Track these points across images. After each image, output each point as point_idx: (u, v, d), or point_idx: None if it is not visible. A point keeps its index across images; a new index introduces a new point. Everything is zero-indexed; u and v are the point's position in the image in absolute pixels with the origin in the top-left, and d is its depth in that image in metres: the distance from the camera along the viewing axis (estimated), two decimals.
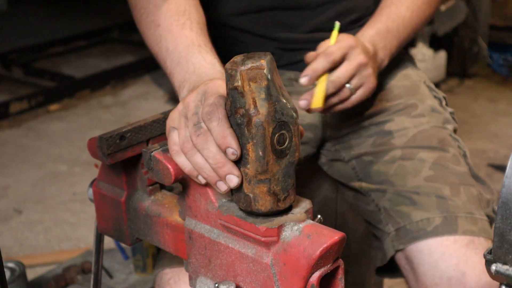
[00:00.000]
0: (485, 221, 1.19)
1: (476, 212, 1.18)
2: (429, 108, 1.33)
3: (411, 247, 1.18)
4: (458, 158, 1.26)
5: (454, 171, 1.23)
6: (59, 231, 2.61)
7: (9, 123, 3.74)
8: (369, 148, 1.30)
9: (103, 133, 0.91)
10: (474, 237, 1.15)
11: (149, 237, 0.98)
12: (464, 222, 1.16)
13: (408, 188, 1.22)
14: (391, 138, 1.29)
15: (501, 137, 3.32)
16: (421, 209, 1.19)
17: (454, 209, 1.17)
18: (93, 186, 1.03)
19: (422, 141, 1.27)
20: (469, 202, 1.19)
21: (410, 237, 1.18)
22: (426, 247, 1.16)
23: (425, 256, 1.16)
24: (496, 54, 4.14)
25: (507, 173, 0.66)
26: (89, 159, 1.32)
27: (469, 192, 1.21)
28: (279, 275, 0.78)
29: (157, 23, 1.11)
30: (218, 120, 0.79)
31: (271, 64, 0.77)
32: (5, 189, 2.97)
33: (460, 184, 1.21)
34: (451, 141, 1.28)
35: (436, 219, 1.17)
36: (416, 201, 1.20)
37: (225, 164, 0.79)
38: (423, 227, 1.17)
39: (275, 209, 0.80)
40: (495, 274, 0.68)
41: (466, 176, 1.24)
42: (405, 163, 1.25)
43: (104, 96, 4.11)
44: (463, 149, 1.29)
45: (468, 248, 1.14)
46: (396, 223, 1.21)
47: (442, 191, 1.20)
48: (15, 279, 1.93)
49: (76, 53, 4.95)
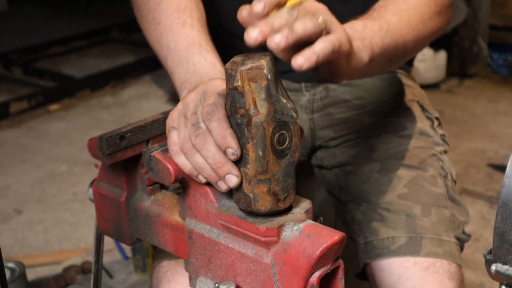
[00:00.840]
0: (452, 244, 1.18)
1: (444, 234, 1.18)
2: (418, 130, 1.32)
3: (375, 264, 1.18)
4: (437, 179, 1.25)
5: (428, 191, 1.22)
6: (59, 231, 2.61)
7: (9, 123, 3.74)
8: (351, 158, 1.29)
9: (103, 133, 0.91)
10: (436, 259, 1.14)
11: (149, 237, 0.98)
12: (428, 243, 1.15)
13: (380, 204, 1.22)
14: (373, 152, 1.28)
15: (501, 137, 3.32)
16: (389, 227, 1.19)
17: (420, 229, 1.17)
18: (93, 186, 1.03)
19: (402, 159, 1.26)
20: (438, 223, 1.19)
21: (375, 253, 1.18)
22: (387, 266, 1.16)
23: (385, 276, 1.16)
24: (496, 54, 4.14)
25: (507, 173, 0.66)
26: (89, 159, 1.32)
27: (440, 213, 1.20)
28: (279, 275, 0.78)
29: (158, 20, 1.11)
30: (218, 120, 0.79)
31: (271, 64, 0.77)
32: (5, 189, 2.97)
33: (433, 205, 1.20)
34: (434, 162, 1.27)
35: (401, 239, 1.17)
36: (386, 218, 1.20)
37: (224, 164, 0.79)
38: (388, 245, 1.17)
39: (275, 209, 0.80)
40: (495, 274, 0.68)
41: (441, 197, 1.23)
42: (382, 178, 1.24)
43: (104, 96, 4.11)
44: (447, 170, 1.28)
45: (427, 271, 1.13)
46: (365, 237, 1.21)
47: (412, 210, 1.19)
48: (15, 279, 1.93)
49: (76, 53, 4.95)
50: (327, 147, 1.34)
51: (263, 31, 0.77)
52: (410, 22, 1.10)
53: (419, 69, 3.69)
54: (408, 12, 1.10)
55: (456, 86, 4.03)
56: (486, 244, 2.41)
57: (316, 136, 1.33)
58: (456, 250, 1.18)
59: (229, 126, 0.79)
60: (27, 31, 5.40)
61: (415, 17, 1.11)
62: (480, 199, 2.73)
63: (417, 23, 1.11)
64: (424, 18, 1.12)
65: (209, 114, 0.80)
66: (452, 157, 3.22)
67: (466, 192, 2.77)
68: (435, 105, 3.10)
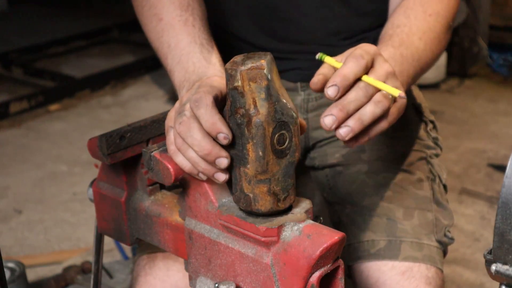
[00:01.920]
0: (433, 248, 1.17)
1: (425, 238, 1.17)
2: (410, 134, 1.31)
3: (355, 266, 1.18)
4: (423, 182, 1.24)
5: (412, 195, 1.22)
6: (59, 231, 2.61)
7: (9, 123, 3.74)
8: (341, 159, 1.29)
9: (103, 133, 0.91)
10: (414, 263, 1.14)
11: (149, 237, 0.98)
12: (408, 247, 1.15)
13: (364, 206, 1.21)
14: (362, 153, 1.28)
15: (501, 137, 3.32)
16: (370, 230, 1.19)
17: (401, 233, 1.17)
18: (93, 186, 1.03)
19: (390, 161, 1.26)
20: (420, 227, 1.18)
21: (355, 256, 1.18)
22: (366, 269, 1.16)
23: (363, 279, 1.16)
24: (496, 54, 4.14)
25: (507, 173, 0.66)
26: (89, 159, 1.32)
27: (423, 217, 1.20)
28: (279, 275, 0.78)
29: (160, 17, 1.11)
30: (205, 106, 0.78)
31: (271, 64, 0.77)
32: (5, 189, 2.97)
33: (416, 208, 1.20)
34: (422, 165, 1.27)
35: (381, 242, 1.16)
36: (367, 221, 1.20)
37: (212, 149, 0.79)
38: (367, 248, 1.17)
39: (275, 209, 0.80)
40: (495, 274, 0.68)
41: (426, 200, 1.22)
42: (368, 179, 1.24)
43: (104, 96, 4.11)
44: (435, 173, 1.28)
45: (404, 276, 1.13)
46: (348, 239, 1.20)
47: (394, 213, 1.19)
48: (15, 279, 1.93)
49: (76, 53, 4.95)
50: (320, 147, 1.34)
51: (338, 118, 0.82)
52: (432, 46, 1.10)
53: None
54: (430, 35, 1.10)
55: (456, 86, 4.03)
56: (486, 244, 2.41)
57: (310, 137, 1.33)
58: (436, 253, 1.18)
59: (217, 112, 0.78)
60: (27, 31, 5.40)
61: (435, 39, 1.11)
62: (480, 199, 2.73)
63: (437, 45, 1.12)
64: (440, 37, 1.13)
65: (197, 101, 0.79)
66: (452, 157, 3.21)
67: (466, 192, 2.77)
68: (435, 105, 3.09)
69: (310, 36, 1.26)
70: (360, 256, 1.17)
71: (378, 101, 0.84)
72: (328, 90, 0.82)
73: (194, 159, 0.82)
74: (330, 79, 0.83)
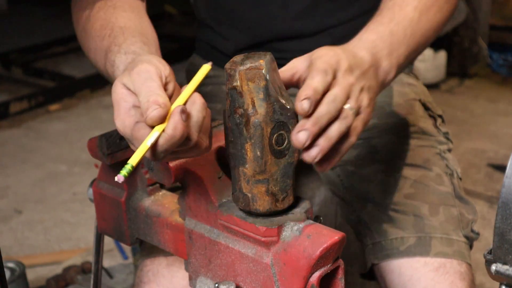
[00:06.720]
0: (461, 243, 1.17)
1: (453, 234, 1.17)
2: (420, 130, 1.31)
3: (384, 264, 1.18)
4: (442, 177, 1.24)
5: (435, 191, 1.21)
6: (59, 231, 2.61)
7: (9, 123, 3.74)
8: (352, 158, 1.28)
9: (103, 133, 0.91)
10: (446, 259, 1.13)
11: (149, 237, 0.98)
12: (438, 243, 1.15)
13: (387, 204, 1.21)
14: (376, 154, 1.27)
15: (501, 137, 3.32)
16: (397, 227, 1.18)
17: (429, 229, 1.16)
18: (93, 186, 1.03)
19: (406, 159, 1.25)
20: (447, 222, 1.18)
21: (384, 254, 1.18)
22: (397, 267, 1.15)
23: (395, 277, 1.15)
24: (496, 54, 4.14)
25: (507, 173, 0.66)
26: (89, 159, 1.32)
27: (448, 213, 1.19)
28: (279, 275, 0.78)
29: None
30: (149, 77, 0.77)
31: (270, 64, 0.77)
32: (5, 189, 2.97)
33: (440, 204, 1.20)
34: (438, 161, 1.27)
35: (410, 239, 1.16)
36: (394, 218, 1.19)
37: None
38: (397, 245, 1.17)
39: (273, 210, 0.80)
40: (495, 274, 0.68)
41: (448, 196, 1.22)
42: (387, 178, 1.23)
43: (104, 96, 4.11)
44: (452, 168, 1.28)
45: (438, 272, 1.12)
46: (373, 237, 1.20)
47: (420, 210, 1.18)
48: (15, 279, 1.93)
49: (76, 53, 4.94)
50: None
51: (312, 133, 0.76)
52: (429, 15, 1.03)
53: (419, 69, 3.68)
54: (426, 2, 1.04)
55: (456, 86, 4.03)
56: (486, 244, 2.39)
57: None
58: (465, 249, 1.18)
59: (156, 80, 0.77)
60: (27, 31, 5.40)
61: (433, 7, 1.05)
62: (480, 199, 2.73)
63: (435, 13, 1.05)
64: (440, 3, 1.06)
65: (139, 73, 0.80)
66: None
67: (466, 192, 2.76)
68: None
69: None
70: (389, 254, 1.16)
71: (344, 117, 0.79)
72: (303, 103, 0.75)
73: None
74: (301, 92, 0.77)
